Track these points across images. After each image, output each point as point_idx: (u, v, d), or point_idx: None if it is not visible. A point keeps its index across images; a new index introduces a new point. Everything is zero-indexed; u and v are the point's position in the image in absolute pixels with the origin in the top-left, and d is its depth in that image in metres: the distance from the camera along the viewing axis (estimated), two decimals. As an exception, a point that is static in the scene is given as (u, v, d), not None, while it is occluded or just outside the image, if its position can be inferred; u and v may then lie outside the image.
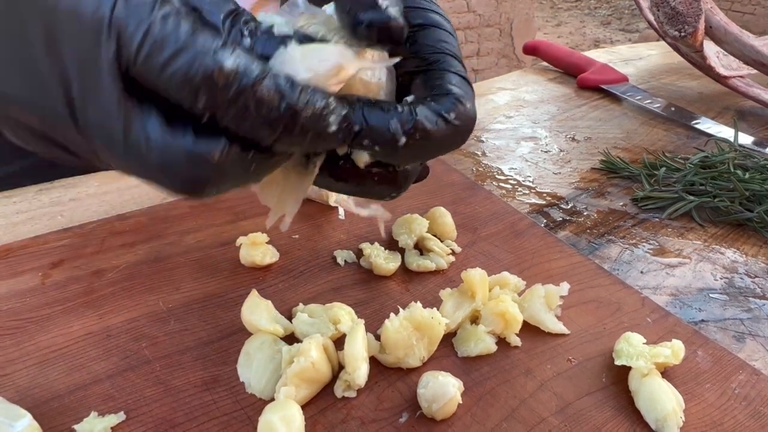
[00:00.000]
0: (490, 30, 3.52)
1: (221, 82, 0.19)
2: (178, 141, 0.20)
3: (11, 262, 0.40)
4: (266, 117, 0.20)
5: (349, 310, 0.35)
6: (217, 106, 0.20)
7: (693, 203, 0.50)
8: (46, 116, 0.21)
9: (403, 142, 0.24)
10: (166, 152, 0.20)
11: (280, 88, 0.20)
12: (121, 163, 0.21)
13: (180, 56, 0.19)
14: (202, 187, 0.21)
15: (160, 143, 0.20)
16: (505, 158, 0.60)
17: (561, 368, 0.33)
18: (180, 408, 0.30)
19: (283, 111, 0.20)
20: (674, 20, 0.62)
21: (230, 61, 0.19)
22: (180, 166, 0.20)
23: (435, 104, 0.26)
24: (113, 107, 0.20)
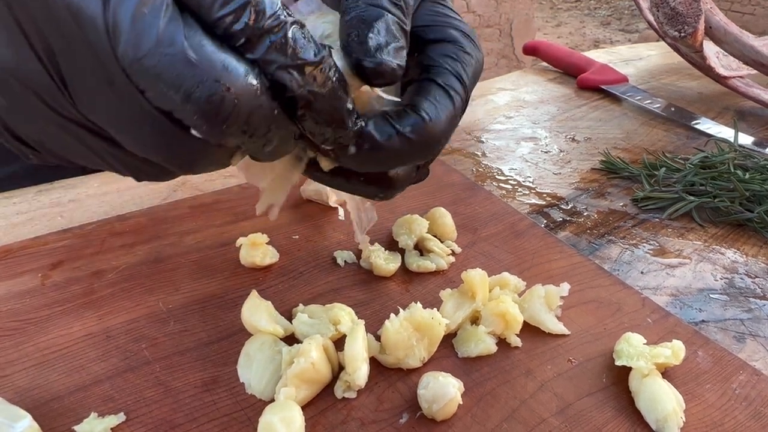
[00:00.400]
0: (489, 30, 3.53)
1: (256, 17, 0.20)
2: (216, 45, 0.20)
3: (11, 263, 0.40)
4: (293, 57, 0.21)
5: (350, 311, 0.35)
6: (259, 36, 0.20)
7: (693, 203, 0.50)
8: None
9: (353, 151, 0.25)
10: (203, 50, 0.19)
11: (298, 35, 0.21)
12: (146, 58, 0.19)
13: None
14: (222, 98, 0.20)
15: (197, 39, 0.19)
16: (505, 159, 0.60)
17: (561, 369, 0.33)
18: (180, 409, 0.30)
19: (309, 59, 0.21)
20: (674, 21, 0.62)
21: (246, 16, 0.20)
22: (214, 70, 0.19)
23: (394, 116, 0.26)
24: None
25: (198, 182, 0.51)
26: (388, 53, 0.24)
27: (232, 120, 0.21)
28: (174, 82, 0.19)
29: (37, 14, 0.20)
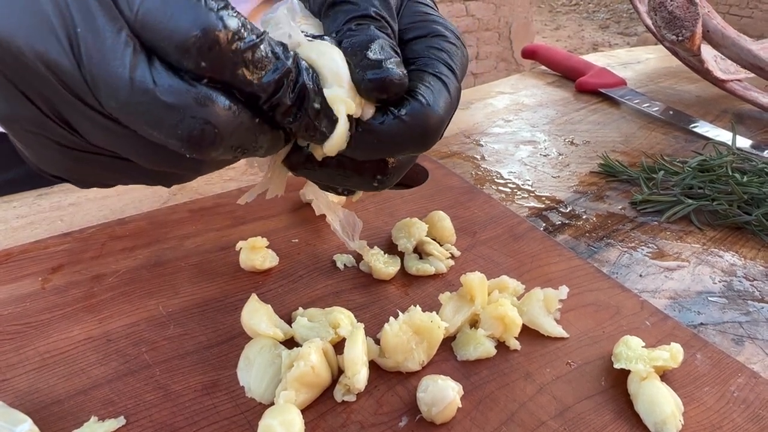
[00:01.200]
0: (488, 34, 3.53)
1: (227, 43, 0.20)
2: (184, 84, 0.20)
3: (11, 266, 0.40)
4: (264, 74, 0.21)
5: (349, 314, 0.35)
6: (218, 63, 0.20)
7: (691, 206, 0.50)
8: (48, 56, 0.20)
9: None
10: (172, 92, 0.20)
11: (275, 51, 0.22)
12: (126, 109, 0.20)
13: (185, 14, 0.19)
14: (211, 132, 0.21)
15: (166, 82, 0.20)
16: (504, 162, 0.60)
17: (560, 372, 0.33)
18: (180, 412, 0.30)
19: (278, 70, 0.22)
20: (672, 24, 0.62)
21: (233, 22, 0.20)
22: (188, 108, 0.20)
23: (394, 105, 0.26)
24: (118, 46, 0.19)
25: (198, 186, 0.51)
26: (391, 63, 0.25)
27: (217, 145, 0.21)
28: (155, 124, 0.21)
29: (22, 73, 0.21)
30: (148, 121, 0.21)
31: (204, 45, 0.20)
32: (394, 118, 0.25)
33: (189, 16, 0.19)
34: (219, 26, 0.20)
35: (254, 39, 0.21)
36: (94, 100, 0.21)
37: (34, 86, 0.22)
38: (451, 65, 0.28)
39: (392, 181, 0.29)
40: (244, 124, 0.22)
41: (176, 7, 0.19)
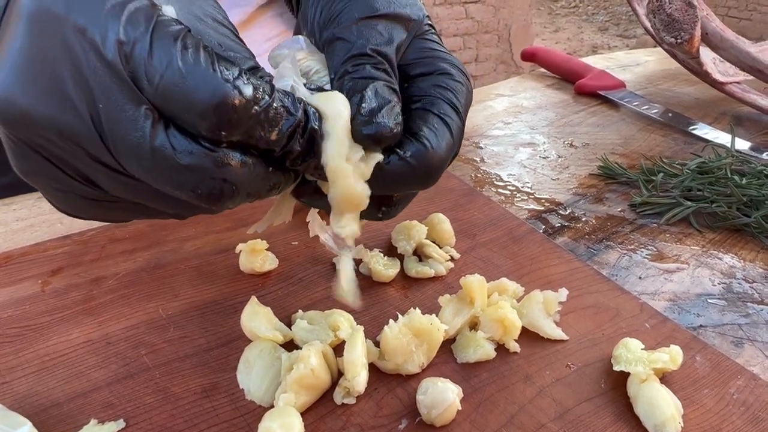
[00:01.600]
0: (488, 36, 3.54)
1: (242, 110, 0.21)
2: (202, 148, 0.22)
3: (11, 269, 0.40)
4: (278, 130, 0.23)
5: (349, 317, 0.35)
6: (235, 127, 0.21)
7: (691, 209, 0.50)
8: (71, 130, 0.21)
9: None
10: (192, 157, 0.21)
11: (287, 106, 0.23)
12: (149, 173, 0.22)
13: (202, 88, 0.21)
14: (230, 189, 0.23)
15: (185, 148, 0.21)
16: (503, 164, 0.60)
17: (560, 374, 0.33)
18: (180, 415, 0.30)
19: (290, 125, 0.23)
20: (670, 27, 0.62)
21: (248, 89, 0.21)
22: (207, 170, 0.22)
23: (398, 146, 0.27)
24: (138, 120, 0.21)
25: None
26: (383, 116, 0.26)
27: (234, 198, 0.23)
28: (177, 186, 0.22)
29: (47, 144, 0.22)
30: (170, 183, 0.22)
31: (222, 114, 0.21)
32: (399, 159, 0.27)
33: (207, 87, 0.21)
34: (235, 96, 0.21)
35: (267, 100, 0.22)
36: (116, 164, 0.22)
37: (59, 155, 0.23)
38: (455, 104, 0.29)
39: (396, 212, 0.31)
40: (259, 176, 0.23)
41: (194, 80, 0.21)
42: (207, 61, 0.21)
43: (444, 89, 0.29)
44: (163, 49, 0.21)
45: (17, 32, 0.21)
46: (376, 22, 0.28)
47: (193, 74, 0.21)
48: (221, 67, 0.21)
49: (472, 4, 3.40)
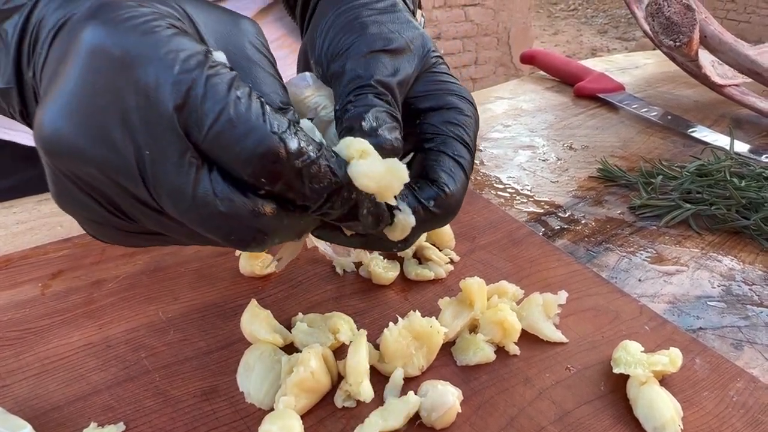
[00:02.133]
0: (487, 39, 3.55)
1: (285, 162, 0.22)
2: (242, 197, 0.23)
3: (11, 272, 0.40)
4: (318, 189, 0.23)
5: (349, 320, 0.35)
6: (277, 179, 0.22)
7: (690, 211, 0.50)
8: (120, 175, 0.22)
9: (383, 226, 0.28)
10: (231, 205, 0.22)
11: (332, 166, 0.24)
12: (187, 216, 0.23)
13: (250, 136, 0.21)
14: (260, 240, 0.24)
15: (225, 196, 0.22)
16: (503, 167, 0.60)
17: (560, 376, 0.33)
18: (179, 418, 0.30)
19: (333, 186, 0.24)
20: (669, 30, 0.62)
21: (294, 143, 0.22)
22: (243, 218, 0.23)
23: (420, 191, 0.29)
24: (184, 168, 0.22)
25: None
26: (384, 131, 0.27)
27: (264, 245, 0.24)
28: (212, 230, 0.23)
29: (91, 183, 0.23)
30: (206, 227, 0.23)
31: (266, 163, 0.22)
32: (423, 209, 0.29)
33: (254, 136, 0.21)
34: (280, 147, 0.22)
35: (313, 156, 0.23)
36: (156, 204, 0.23)
37: (99, 190, 0.23)
38: (467, 142, 0.31)
39: (411, 244, 0.32)
40: (290, 226, 0.25)
41: (243, 128, 0.21)
42: (257, 111, 0.22)
43: (455, 125, 0.30)
44: (216, 98, 0.21)
45: (73, 71, 0.22)
46: (383, 56, 0.29)
47: (243, 123, 0.21)
48: (271, 117, 0.22)
49: (472, 6, 3.41)
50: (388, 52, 0.30)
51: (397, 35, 0.30)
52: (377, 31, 0.30)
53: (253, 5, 0.55)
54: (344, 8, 0.32)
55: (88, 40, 0.22)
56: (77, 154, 0.22)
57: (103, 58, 0.21)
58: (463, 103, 0.31)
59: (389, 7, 0.32)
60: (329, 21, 0.32)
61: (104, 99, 0.22)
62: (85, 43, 0.22)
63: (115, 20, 0.22)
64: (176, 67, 0.21)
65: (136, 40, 0.21)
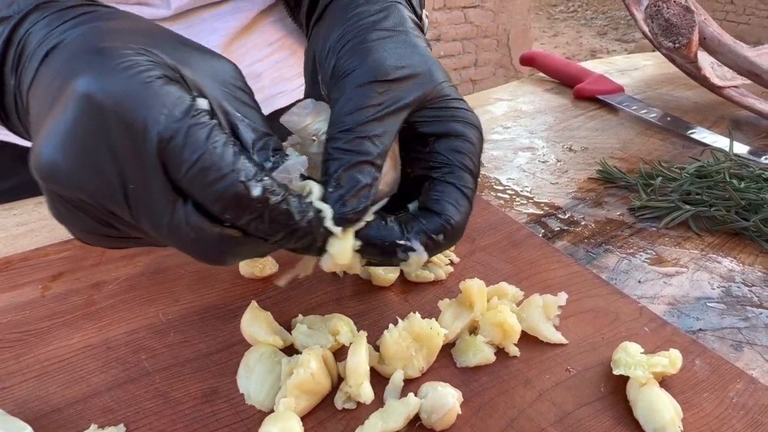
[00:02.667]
0: (487, 41, 3.55)
1: (248, 205, 0.25)
2: (210, 226, 0.26)
3: (11, 274, 0.40)
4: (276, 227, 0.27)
5: (349, 321, 0.35)
6: (240, 217, 0.26)
7: (689, 212, 0.50)
8: (107, 202, 0.25)
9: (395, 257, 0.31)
10: (201, 233, 0.26)
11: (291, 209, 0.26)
12: (163, 238, 0.26)
13: (220, 182, 0.25)
14: (225, 259, 0.27)
15: (196, 226, 0.25)
16: (502, 168, 0.60)
17: (559, 378, 0.33)
18: (180, 420, 0.30)
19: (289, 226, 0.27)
20: (668, 32, 0.62)
21: (257, 190, 0.25)
22: (211, 245, 0.26)
23: (427, 225, 0.31)
24: (162, 201, 0.25)
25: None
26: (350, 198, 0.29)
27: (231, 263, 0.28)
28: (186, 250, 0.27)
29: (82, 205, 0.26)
30: (179, 248, 0.27)
31: (231, 205, 0.25)
32: (433, 241, 0.31)
33: (223, 184, 0.25)
34: (245, 194, 0.25)
35: (273, 200, 0.26)
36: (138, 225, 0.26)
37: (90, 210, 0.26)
38: (472, 170, 0.32)
39: None
40: (252, 251, 0.28)
41: (214, 176, 0.25)
42: (229, 160, 0.25)
43: (461, 154, 0.32)
44: (194, 147, 0.24)
45: (69, 113, 0.24)
46: (378, 87, 0.30)
47: (215, 171, 0.24)
48: (241, 165, 0.25)
49: (472, 8, 3.41)
50: (387, 82, 0.30)
51: (399, 62, 0.31)
52: (379, 57, 0.31)
53: (254, 6, 0.55)
54: (352, 26, 0.32)
55: (85, 87, 0.24)
56: (71, 183, 0.25)
57: (98, 106, 0.24)
58: (469, 130, 0.33)
59: (397, 26, 0.33)
60: (336, 39, 0.32)
61: (97, 140, 0.24)
62: (81, 89, 0.24)
63: (112, 71, 0.24)
64: (162, 117, 0.24)
65: (129, 91, 0.24)
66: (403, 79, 0.31)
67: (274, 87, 0.62)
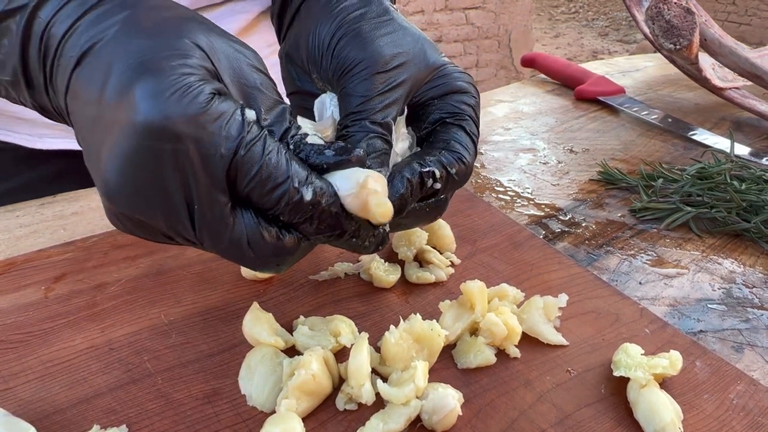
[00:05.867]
0: (488, 42, 3.55)
1: (302, 208, 0.27)
2: (268, 240, 0.28)
3: (14, 275, 0.40)
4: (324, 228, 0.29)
5: (350, 323, 0.35)
6: (297, 217, 0.28)
7: (690, 214, 0.50)
8: (171, 222, 0.27)
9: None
10: (258, 247, 0.28)
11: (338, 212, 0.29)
12: (222, 252, 0.28)
13: (277, 189, 0.27)
14: (279, 267, 0.29)
15: (255, 240, 0.27)
16: (503, 170, 0.60)
17: (560, 379, 0.34)
18: (182, 421, 0.30)
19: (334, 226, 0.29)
20: (669, 33, 0.62)
21: (309, 195, 0.27)
22: (267, 257, 0.28)
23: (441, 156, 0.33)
24: (225, 219, 0.27)
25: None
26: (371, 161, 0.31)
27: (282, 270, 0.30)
28: (241, 262, 0.29)
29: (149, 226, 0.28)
30: (237, 260, 0.29)
31: (287, 209, 0.27)
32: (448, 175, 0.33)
33: (280, 191, 0.27)
34: (298, 198, 0.27)
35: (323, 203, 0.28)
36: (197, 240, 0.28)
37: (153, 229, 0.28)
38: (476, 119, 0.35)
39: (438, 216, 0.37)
40: (302, 253, 0.30)
41: (272, 185, 0.27)
42: (284, 168, 0.27)
43: (468, 106, 0.35)
44: (252, 161, 0.26)
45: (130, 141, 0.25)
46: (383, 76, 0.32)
47: (272, 181, 0.27)
48: (293, 171, 0.27)
49: (473, 9, 3.41)
50: (389, 71, 0.33)
51: (395, 49, 0.33)
52: (378, 47, 0.33)
53: (253, 8, 0.56)
54: (342, 21, 0.34)
55: (144, 117, 0.25)
56: (139, 209, 0.26)
57: (161, 135, 0.25)
58: (471, 88, 0.36)
59: (383, 14, 0.34)
60: (330, 34, 0.34)
61: (162, 167, 0.25)
62: (141, 119, 0.25)
63: (168, 97, 0.25)
64: (223, 138, 0.25)
65: (188, 116, 0.25)
66: (401, 65, 0.33)
67: None
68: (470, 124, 0.35)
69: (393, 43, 0.33)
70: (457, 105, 0.34)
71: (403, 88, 0.33)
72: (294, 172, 0.27)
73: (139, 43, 0.26)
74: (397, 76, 0.33)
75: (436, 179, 0.32)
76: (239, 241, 0.27)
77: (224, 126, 0.25)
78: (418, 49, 0.34)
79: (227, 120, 0.26)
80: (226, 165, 0.26)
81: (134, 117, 0.25)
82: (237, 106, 0.26)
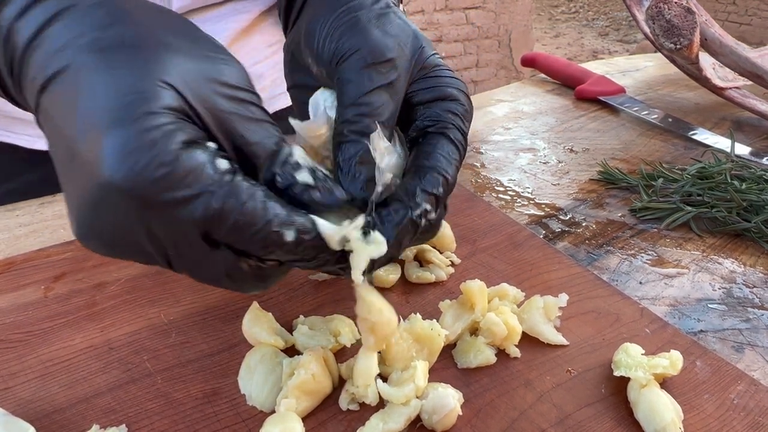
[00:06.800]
0: (488, 42, 3.55)
1: (284, 247, 0.27)
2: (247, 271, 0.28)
3: (14, 275, 0.40)
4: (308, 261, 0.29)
5: (350, 322, 0.35)
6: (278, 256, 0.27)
7: (691, 214, 0.50)
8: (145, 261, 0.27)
9: None
10: (238, 277, 0.28)
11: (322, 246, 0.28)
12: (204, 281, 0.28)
13: (256, 235, 0.26)
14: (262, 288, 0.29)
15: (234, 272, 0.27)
16: (503, 170, 0.60)
17: (560, 379, 0.34)
18: (181, 420, 0.30)
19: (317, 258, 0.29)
20: (669, 33, 0.62)
21: (290, 236, 0.27)
22: (248, 284, 0.28)
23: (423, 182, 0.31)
24: (201, 257, 0.26)
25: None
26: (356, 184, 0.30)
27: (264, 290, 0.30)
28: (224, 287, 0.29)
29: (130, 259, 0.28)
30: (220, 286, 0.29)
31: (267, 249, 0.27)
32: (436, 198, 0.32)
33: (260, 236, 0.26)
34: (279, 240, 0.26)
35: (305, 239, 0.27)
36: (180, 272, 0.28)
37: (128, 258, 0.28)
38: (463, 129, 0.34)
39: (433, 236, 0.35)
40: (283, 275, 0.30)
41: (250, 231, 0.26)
42: (263, 214, 0.26)
43: (454, 115, 0.34)
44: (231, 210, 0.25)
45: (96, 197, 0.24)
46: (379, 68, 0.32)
47: (250, 227, 0.26)
48: (272, 215, 0.26)
49: (473, 9, 3.41)
50: (384, 63, 0.32)
51: (391, 41, 0.33)
52: (374, 38, 0.33)
53: (255, 8, 0.56)
54: (343, 13, 0.34)
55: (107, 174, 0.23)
56: (106, 249, 0.26)
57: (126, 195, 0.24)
58: (461, 96, 0.34)
59: (383, 8, 0.35)
60: (328, 24, 0.34)
61: (131, 222, 0.25)
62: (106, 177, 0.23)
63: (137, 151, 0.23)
64: (195, 191, 0.24)
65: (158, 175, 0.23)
66: (397, 57, 0.33)
67: (275, 88, 0.62)
68: (455, 132, 0.33)
69: (390, 33, 0.33)
70: (443, 114, 0.34)
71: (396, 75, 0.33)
72: (273, 216, 0.26)
73: (106, 81, 0.24)
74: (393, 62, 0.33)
75: (428, 214, 0.31)
76: (218, 275, 0.27)
77: (194, 185, 0.24)
78: (415, 42, 0.34)
79: (198, 176, 0.24)
80: (198, 224, 0.25)
81: (100, 172, 0.23)
82: (208, 155, 0.25)
